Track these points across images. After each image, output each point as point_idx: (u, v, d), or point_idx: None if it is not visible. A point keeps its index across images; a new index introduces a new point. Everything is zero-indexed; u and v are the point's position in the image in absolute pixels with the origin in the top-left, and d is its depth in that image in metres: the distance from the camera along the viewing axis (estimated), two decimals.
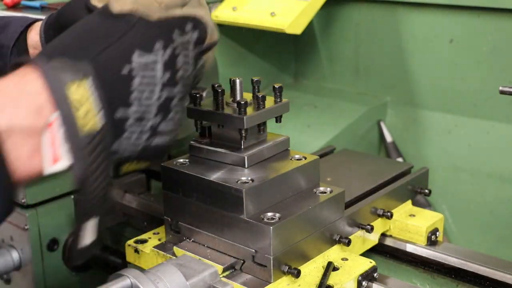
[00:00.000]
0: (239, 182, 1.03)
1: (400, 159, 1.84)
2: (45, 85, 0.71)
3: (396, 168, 1.37)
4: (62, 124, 0.70)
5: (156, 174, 1.52)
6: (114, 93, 0.75)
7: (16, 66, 0.74)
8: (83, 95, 0.72)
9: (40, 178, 0.74)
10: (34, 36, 1.08)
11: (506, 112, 1.71)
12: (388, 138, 1.89)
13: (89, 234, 0.78)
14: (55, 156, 0.71)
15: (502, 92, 1.21)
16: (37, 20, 1.10)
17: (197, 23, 0.84)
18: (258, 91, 1.11)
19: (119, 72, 0.75)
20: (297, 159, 1.11)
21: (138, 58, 0.76)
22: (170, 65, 0.78)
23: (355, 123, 1.86)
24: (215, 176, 1.05)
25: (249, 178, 1.04)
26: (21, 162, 0.70)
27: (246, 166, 1.07)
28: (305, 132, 1.83)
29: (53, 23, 1.05)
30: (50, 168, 0.71)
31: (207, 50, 0.88)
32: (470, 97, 1.77)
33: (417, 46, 1.84)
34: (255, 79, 1.11)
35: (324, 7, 1.78)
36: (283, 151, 1.14)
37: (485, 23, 1.68)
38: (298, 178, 1.10)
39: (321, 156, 1.42)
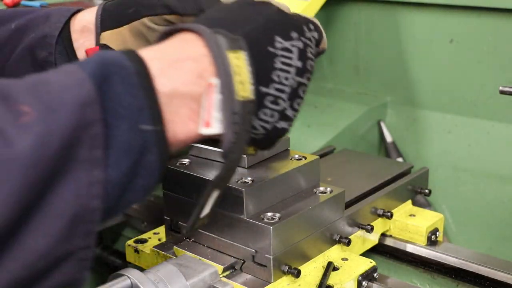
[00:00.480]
0: (239, 182, 1.03)
1: (400, 159, 1.84)
2: (208, 50, 0.74)
3: (396, 168, 1.37)
4: (222, 88, 0.73)
5: None
6: (260, 68, 0.77)
7: (167, 34, 0.77)
8: (241, 65, 0.74)
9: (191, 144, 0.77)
10: (77, 25, 1.11)
11: (506, 112, 1.71)
12: (388, 138, 1.88)
13: (209, 206, 0.81)
14: (209, 120, 0.73)
15: (502, 92, 1.21)
16: (79, 10, 1.13)
17: (316, 26, 0.89)
18: None
19: (265, 49, 0.78)
20: (297, 159, 1.11)
21: (280, 41, 0.80)
22: (303, 54, 0.82)
23: (355, 123, 1.86)
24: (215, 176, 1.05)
25: (249, 178, 1.04)
26: (179, 125, 0.72)
27: (246, 166, 1.07)
28: (305, 132, 1.83)
29: (114, 10, 1.09)
30: (204, 130, 0.73)
31: (317, 55, 0.91)
32: (470, 97, 1.77)
33: (417, 46, 1.84)
34: None
35: (324, 7, 1.78)
36: (283, 151, 1.14)
37: (485, 23, 1.68)
38: (298, 178, 1.10)
39: (321, 156, 1.42)
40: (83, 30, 1.10)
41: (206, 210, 0.82)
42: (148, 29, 1.06)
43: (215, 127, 0.74)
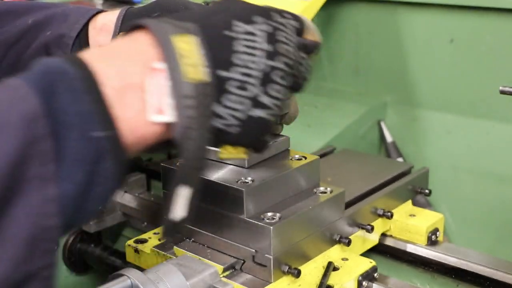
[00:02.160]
0: (239, 182, 1.03)
1: (400, 159, 1.84)
2: (153, 38, 0.72)
3: (396, 168, 1.37)
4: (169, 72, 0.71)
5: (156, 174, 1.52)
6: (217, 52, 0.75)
7: (129, 30, 0.76)
8: (190, 48, 0.72)
9: (152, 147, 0.75)
10: (97, 23, 1.10)
11: (506, 112, 1.71)
12: (388, 138, 1.89)
13: (180, 206, 0.77)
14: (160, 107, 0.71)
15: (502, 92, 1.21)
16: (98, 11, 1.12)
17: (295, 16, 0.87)
18: None
19: (222, 33, 0.76)
20: (297, 159, 1.11)
21: (239, 25, 0.78)
22: (272, 38, 0.79)
23: (355, 123, 1.86)
24: (215, 176, 1.05)
25: (249, 178, 1.04)
26: (134, 120, 0.70)
27: (246, 166, 1.07)
28: (305, 132, 1.83)
29: (137, 12, 1.09)
30: (156, 117, 0.71)
31: (311, 49, 0.88)
32: (470, 97, 1.77)
33: (417, 46, 1.84)
34: None
35: (324, 7, 1.78)
36: (283, 151, 1.14)
37: (485, 23, 1.68)
38: (298, 178, 1.10)
39: (321, 156, 1.42)
40: (102, 28, 1.10)
41: (180, 211, 0.77)
42: None
43: (167, 113, 0.71)
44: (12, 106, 0.62)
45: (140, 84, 0.70)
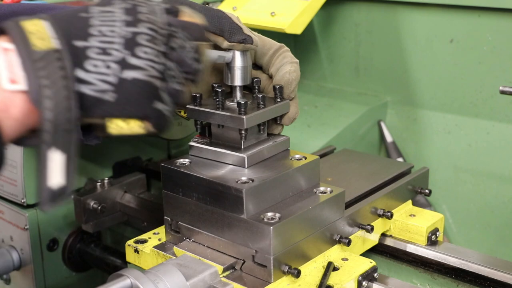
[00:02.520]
0: (239, 182, 1.03)
1: (400, 159, 1.84)
2: (4, 29, 0.77)
3: (396, 168, 1.37)
4: (17, 47, 0.75)
5: (156, 174, 1.52)
6: (71, 28, 0.80)
7: None
8: (38, 27, 0.78)
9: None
10: None
11: (506, 112, 1.71)
12: (388, 138, 1.89)
13: (55, 172, 0.78)
14: (13, 77, 0.75)
15: (502, 92, 1.21)
16: None
17: (164, 2, 0.91)
18: (258, 91, 1.11)
19: (75, 15, 0.82)
20: (297, 159, 1.11)
21: (94, 8, 0.84)
22: (130, 11, 0.84)
23: (355, 123, 1.86)
24: (215, 176, 1.05)
25: (249, 178, 1.04)
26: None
27: (246, 166, 1.07)
28: (305, 132, 1.83)
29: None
30: (9, 86, 0.75)
31: (194, 30, 0.90)
32: (470, 97, 1.77)
33: (417, 46, 1.84)
34: (255, 79, 1.11)
35: (324, 7, 1.78)
36: (283, 151, 1.14)
37: (485, 23, 1.69)
38: (298, 178, 1.10)
39: (321, 156, 1.42)
40: None
41: (56, 178, 0.79)
42: None
43: (20, 82, 0.75)
44: None
45: None
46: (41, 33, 0.77)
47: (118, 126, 0.82)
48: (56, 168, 0.78)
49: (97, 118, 0.81)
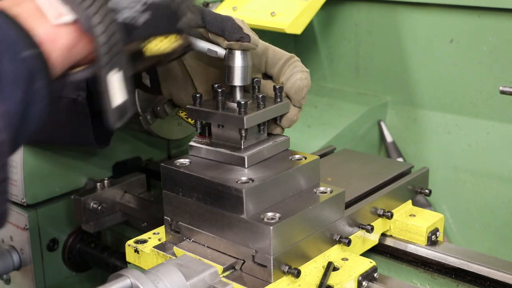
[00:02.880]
0: (239, 182, 1.03)
1: (400, 159, 1.84)
2: None
3: (396, 168, 1.37)
4: None
5: (156, 174, 1.52)
6: None
7: None
8: None
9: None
10: None
11: (506, 112, 1.71)
12: (388, 138, 1.89)
13: (118, 91, 0.85)
14: (58, 13, 0.80)
15: (502, 92, 1.21)
16: None
17: None
18: (258, 91, 1.11)
19: None
20: (297, 159, 1.11)
21: None
22: None
23: (355, 123, 1.86)
24: (215, 176, 1.05)
25: (249, 178, 1.04)
26: (44, 29, 0.79)
27: (246, 166, 1.07)
28: (305, 132, 1.83)
29: None
30: (58, 20, 0.79)
31: None
32: (470, 97, 1.77)
33: (417, 46, 1.84)
34: (255, 79, 1.11)
35: (324, 7, 1.78)
36: (283, 151, 1.14)
37: (485, 23, 1.69)
38: (298, 178, 1.09)
39: (321, 156, 1.42)
40: None
41: (119, 96, 0.85)
42: None
43: (67, 15, 0.80)
44: None
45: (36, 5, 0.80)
46: None
47: (157, 46, 0.89)
48: (117, 88, 0.85)
49: (137, 41, 0.87)
